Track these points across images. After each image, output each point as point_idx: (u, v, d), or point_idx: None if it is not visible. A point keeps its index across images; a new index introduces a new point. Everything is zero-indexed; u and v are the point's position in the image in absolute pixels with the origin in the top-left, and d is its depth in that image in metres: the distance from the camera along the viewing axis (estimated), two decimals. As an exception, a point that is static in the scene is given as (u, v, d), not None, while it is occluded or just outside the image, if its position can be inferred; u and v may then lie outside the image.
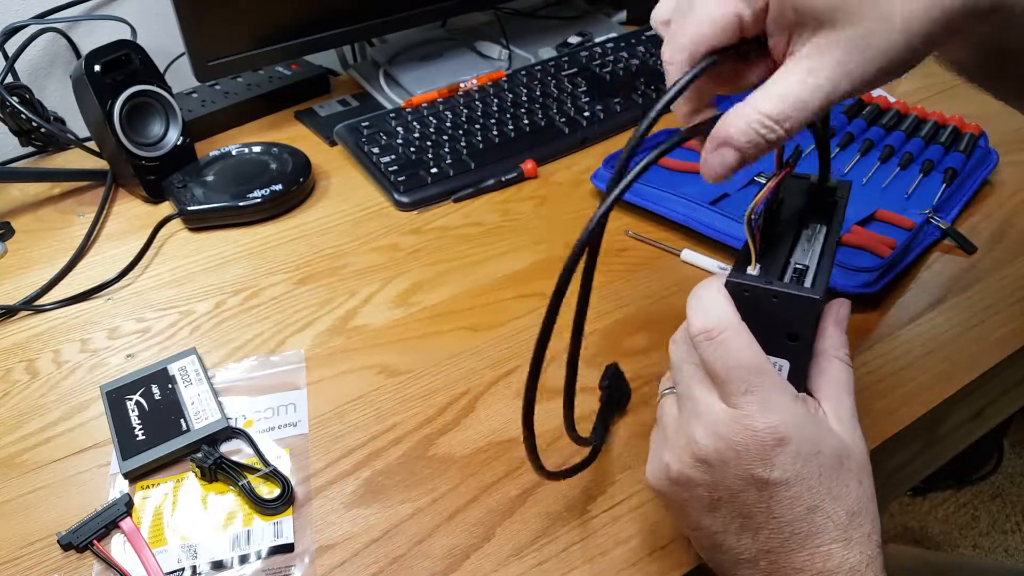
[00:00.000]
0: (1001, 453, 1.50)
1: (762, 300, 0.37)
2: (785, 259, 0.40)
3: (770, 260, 0.39)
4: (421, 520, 0.47)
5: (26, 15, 0.86)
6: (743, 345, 0.35)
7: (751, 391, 0.35)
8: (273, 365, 0.58)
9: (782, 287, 0.37)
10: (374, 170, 0.77)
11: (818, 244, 0.41)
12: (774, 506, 0.35)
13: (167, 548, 0.46)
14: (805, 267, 0.39)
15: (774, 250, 0.40)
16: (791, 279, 0.38)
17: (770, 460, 0.34)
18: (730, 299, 0.37)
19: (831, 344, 0.39)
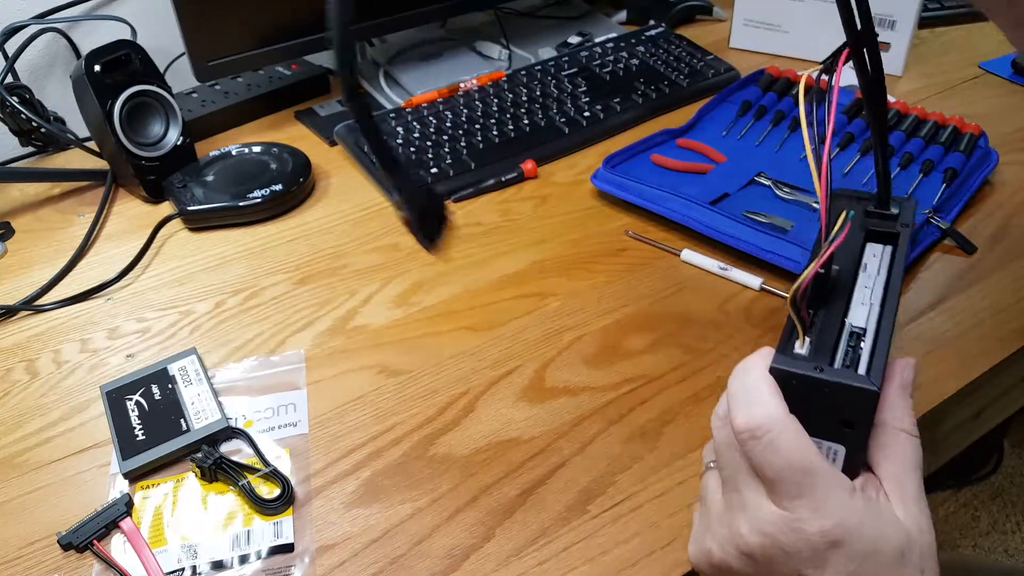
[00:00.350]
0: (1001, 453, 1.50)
1: (812, 388, 0.33)
2: (840, 319, 0.35)
3: (821, 322, 0.35)
4: (421, 520, 0.47)
5: (26, 15, 0.86)
6: (792, 445, 0.32)
7: (802, 495, 0.32)
8: (273, 365, 0.58)
9: (834, 376, 0.33)
10: (374, 170, 0.77)
11: (877, 294, 0.36)
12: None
13: (167, 548, 0.46)
14: (862, 330, 0.35)
15: (827, 305, 0.36)
16: (846, 350, 0.34)
17: (822, 562, 0.32)
18: (776, 388, 0.33)
19: (895, 414, 0.35)
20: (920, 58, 0.92)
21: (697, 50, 0.93)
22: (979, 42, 0.95)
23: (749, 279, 0.62)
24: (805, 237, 0.62)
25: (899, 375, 0.36)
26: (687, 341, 0.58)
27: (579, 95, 0.84)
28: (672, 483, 0.48)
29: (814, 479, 0.32)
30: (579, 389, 0.55)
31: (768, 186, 0.70)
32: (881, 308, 0.36)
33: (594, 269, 0.65)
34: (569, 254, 0.67)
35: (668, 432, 0.51)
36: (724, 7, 1.03)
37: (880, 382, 0.33)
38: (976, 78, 0.88)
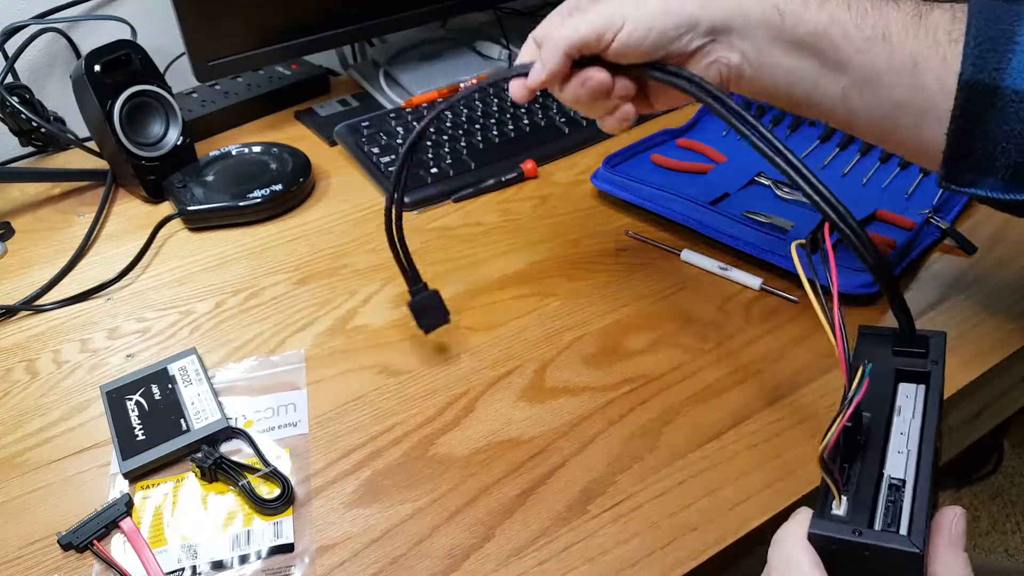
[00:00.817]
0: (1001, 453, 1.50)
1: (854, 552, 0.32)
2: (877, 471, 0.34)
3: (858, 476, 0.34)
4: (421, 520, 0.47)
5: (26, 15, 0.86)
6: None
7: None
8: (273, 365, 0.58)
9: (874, 539, 0.31)
10: (374, 170, 0.77)
11: (914, 440, 0.35)
12: None
13: (167, 548, 0.46)
14: (902, 482, 0.34)
15: (863, 456, 0.34)
16: (887, 505, 0.33)
17: None
18: (816, 559, 0.32)
19: (945, 570, 0.33)
20: (920, 58, 0.91)
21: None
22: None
23: (749, 279, 0.62)
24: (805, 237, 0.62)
25: (947, 529, 0.34)
26: (687, 341, 0.58)
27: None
28: (672, 483, 0.48)
29: None
30: (579, 389, 0.55)
31: (768, 186, 0.70)
32: (918, 459, 0.34)
33: (594, 269, 0.65)
34: (569, 254, 0.67)
35: (668, 432, 0.51)
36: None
37: (923, 540, 0.32)
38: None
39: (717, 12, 0.46)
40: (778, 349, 0.57)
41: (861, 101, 0.46)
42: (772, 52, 0.46)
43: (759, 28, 0.46)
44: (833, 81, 0.46)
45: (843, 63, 0.45)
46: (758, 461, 0.49)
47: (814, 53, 0.45)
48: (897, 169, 0.71)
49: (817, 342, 0.57)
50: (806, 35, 0.45)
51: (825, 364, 0.55)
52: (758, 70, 0.47)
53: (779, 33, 0.45)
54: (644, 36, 0.45)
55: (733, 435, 0.51)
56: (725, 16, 0.46)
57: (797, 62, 0.46)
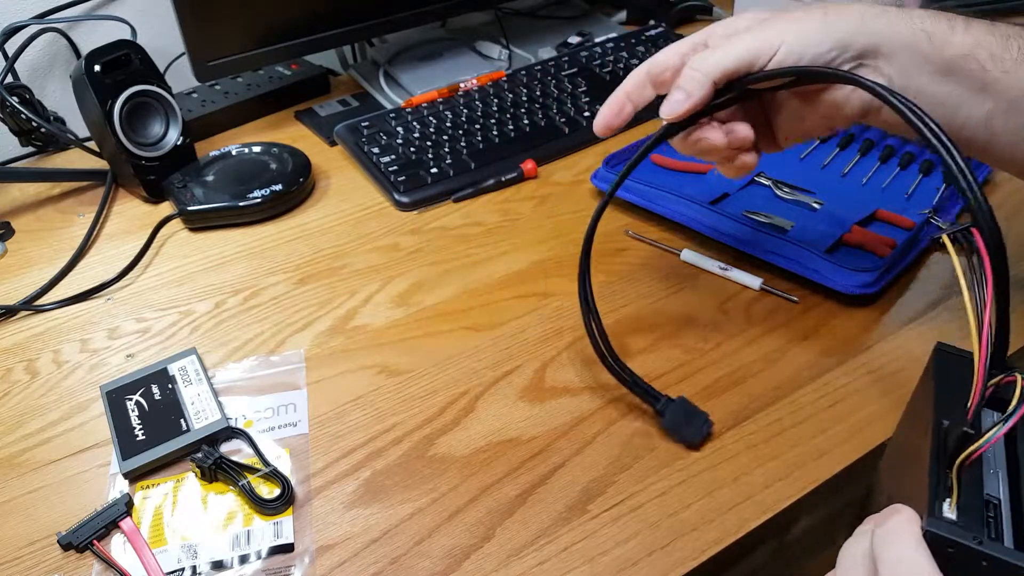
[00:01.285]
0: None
1: (969, 559, 0.31)
2: (979, 486, 0.33)
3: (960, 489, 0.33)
4: (421, 520, 0.47)
5: (26, 15, 0.86)
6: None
7: None
8: (273, 365, 0.58)
9: (997, 552, 0.31)
10: (374, 170, 0.77)
11: (1000, 460, 0.35)
12: None
13: (167, 548, 0.46)
14: (997, 500, 0.33)
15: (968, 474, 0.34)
16: (986, 520, 0.32)
17: None
18: (931, 561, 0.31)
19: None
20: (920, 58, 0.91)
21: (697, 50, 0.93)
22: (979, 42, 0.95)
23: (749, 279, 0.62)
24: (805, 237, 0.62)
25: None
26: (687, 341, 0.58)
27: (579, 95, 0.84)
28: (672, 483, 0.48)
29: None
30: (579, 389, 0.55)
31: (768, 186, 0.70)
32: (1013, 479, 0.34)
33: (594, 269, 0.65)
34: (569, 254, 0.67)
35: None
36: (724, 7, 1.03)
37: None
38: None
39: (869, 35, 0.45)
40: (778, 349, 0.57)
41: (1005, 125, 0.45)
42: (918, 77, 0.45)
43: (906, 51, 0.45)
44: (977, 105, 0.45)
45: (988, 86, 0.44)
46: (758, 461, 0.49)
47: (959, 77, 0.45)
48: (897, 169, 0.71)
49: (817, 342, 0.57)
50: (953, 58, 0.44)
51: (825, 364, 0.55)
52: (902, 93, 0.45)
53: (926, 57, 0.45)
54: (797, 61, 0.45)
55: (733, 435, 0.51)
56: (876, 39, 0.45)
57: (941, 87, 0.45)
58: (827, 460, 0.49)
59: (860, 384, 0.54)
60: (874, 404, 0.52)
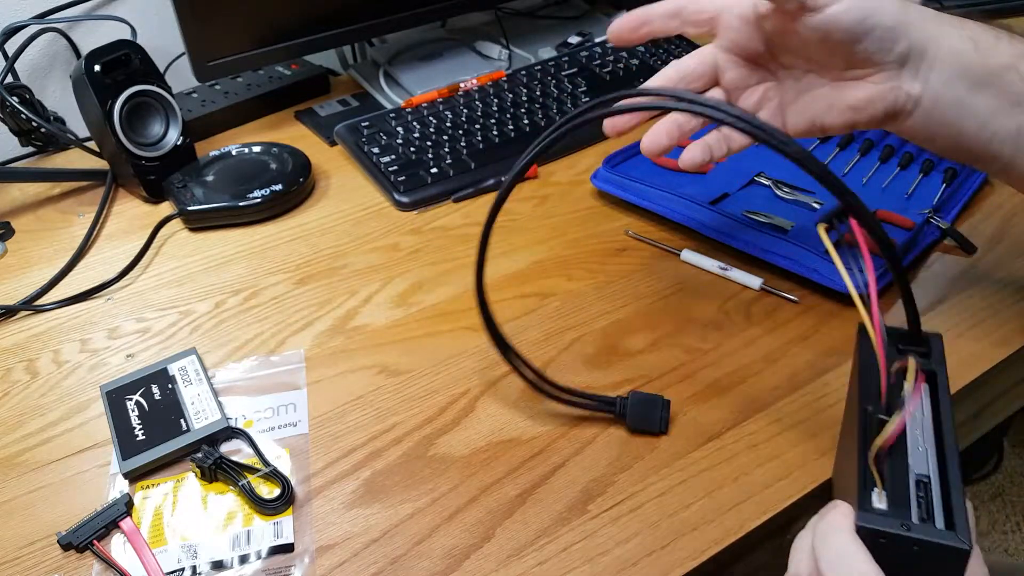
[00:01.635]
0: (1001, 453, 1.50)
1: (901, 546, 0.32)
2: (904, 468, 0.34)
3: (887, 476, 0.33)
4: (421, 520, 0.47)
5: (26, 15, 0.86)
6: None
7: None
8: (273, 365, 0.58)
9: (925, 534, 0.31)
10: (374, 170, 0.77)
11: (929, 438, 0.35)
12: None
13: (167, 548, 0.46)
14: (927, 478, 0.33)
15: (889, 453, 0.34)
16: (918, 501, 0.33)
17: None
18: (869, 554, 0.32)
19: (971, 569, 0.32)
20: (920, 58, 0.91)
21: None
22: (979, 42, 0.95)
23: (749, 279, 0.62)
24: (805, 237, 0.62)
25: None
26: (687, 341, 0.58)
27: (579, 95, 0.84)
28: (672, 483, 0.48)
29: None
30: (582, 388, 0.55)
31: (768, 186, 0.70)
32: (940, 455, 0.34)
33: (594, 269, 0.65)
34: (569, 254, 0.67)
35: (668, 432, 0.51)
36: (724, 7, 1.02)
37: (972, 538, 0.31)
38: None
39: (920, 33, 0.44)
40: (778, 349, 0.57)
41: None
42: (956, 85, 0.45)
43: (951, 57, 0.44)
44: (1009, 119, 0.45)
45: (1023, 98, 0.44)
46: (758, 461, 0.49)
47: (997, 88, 0.44)
48: (897, 169, 0.71)
49: (817, 342, 0.57)
50: (995, 68, 0.44)
51: (825, 364, 0.55)
52: (935, 104, 0.45)
53: (969, 65, 0.44)
54: (859, 19, 0.43)
55: (733, 435, 0.51)
56: (925, 39, 0.44)
57: (978, 98, 0.45)
58: (827, 460, 0.49)
59: (860, 384, 0.54)
60: (874, 404, 0.52)
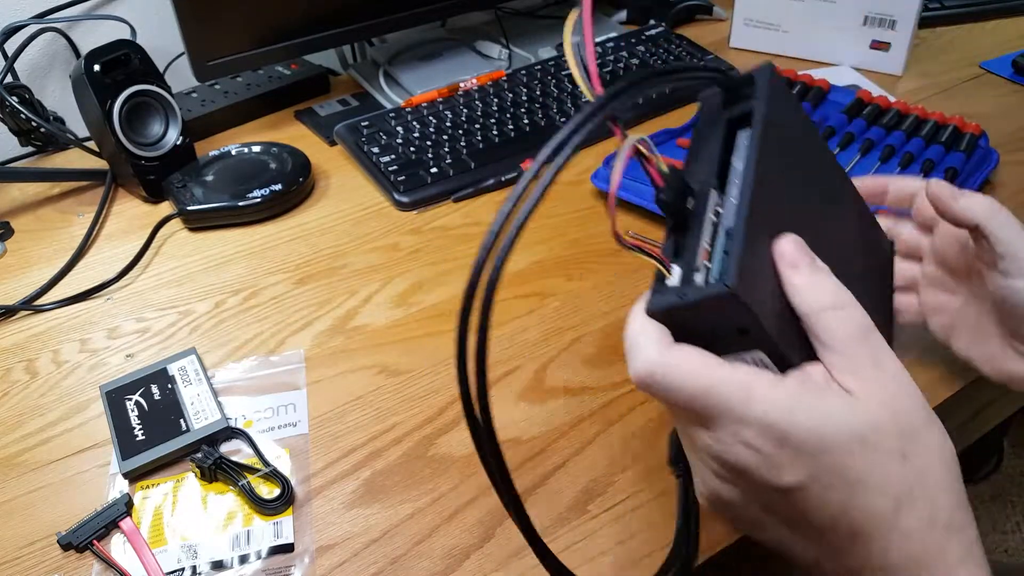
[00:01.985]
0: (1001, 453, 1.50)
1: (691, 313, 0.31)
2: (697, 233, 0.33)
3: (692, 244, 0.32)
4: (421, 520, 0.47)
5: (26, 15, 0.85)
6: (680, 378, 0.31)
7: (716, 416, 0.31)
8: (273, 365, 0.58)
9: (695, 295, 0.31)
10: (374, 170, 0.77)
11: (739, 182, 0.33)
12: (807, 510, 0.31)
13: (167, 548, 0.46)
14: (731, 231, 0.32)
15: (698, 225, 0.33)
16: (721, 260, 0.31)
17: (776, 466, 0.30)
18: (650, 331, 0.32)
19: (803, 299, 0.32)
20: (920, 58, 0.91)
21: (697, 50, 0.93)
22: (980, 42, 0.95)
23: (749, 279, 0.62)
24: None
25: (781, 253, 0.33)
26: (687, 341, 0.58)
27: (579, 95, 0.84)
28: (672, 483, 0.48)
29: (718, 398, 0.30)
30: (579, 389, 0.55)
31: (768, 186, 0.70)
32: (741, 197, 0.32)
33: (594, 269, 0.65)
34: (569, 254, 0.67)
35: (668, 432, 0.51)
36: (724, 7, 1.03)
37: (736, 277, 0.30)
38: (977, 78, 0.88)
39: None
40: (778, 349, 0.57)
41: None
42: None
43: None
44: None
45: None
46: (758, 461, 0.49)
47: None
48: (897, 169, 0.71)
49: (817, 342, 0.57)
50: None
51: (825, 364, 0.55)
52: None
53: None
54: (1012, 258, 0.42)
55: (733, 435, 0.51)
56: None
57: None
58: (827, 460, 0.49)
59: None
60: (874, 404, 0.52)
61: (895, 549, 0.30)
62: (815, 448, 0.30)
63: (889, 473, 0.30)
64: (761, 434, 0.30)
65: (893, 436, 0.30)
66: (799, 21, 0.92)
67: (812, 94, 0.80)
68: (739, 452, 0.31)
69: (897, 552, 0.30)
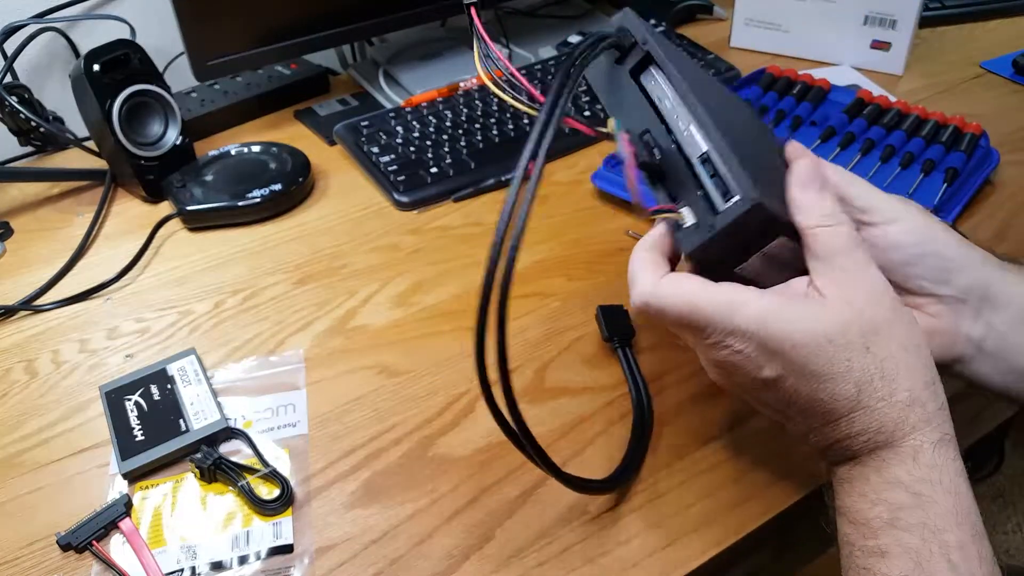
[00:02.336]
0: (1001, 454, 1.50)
1: (726, 243, 0.36)
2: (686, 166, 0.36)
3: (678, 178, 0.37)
4: (421, 521, 0.47)
5: (25, 14, 0.85)
6: (672, 301, 0.38)
7: (703, 328, 0.38)
8: (272, 365, 0.58)
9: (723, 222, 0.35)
10: (374, 170, 0.77)
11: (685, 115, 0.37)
12: (786, 397, 0.38)
13: (166, 549, 0.46)
14: (706, 154, 0.36)
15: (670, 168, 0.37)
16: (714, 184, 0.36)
17: (757, 365, 0.37)
18: (648, 262, 0.39)
19: (803, 215, 0.38)
20: (921, 57, 0.91)
21: (698, 50, 0.93)
22: (980, 41, 0.95)
23: (749, 279, 0.62)
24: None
25: (796, 177, 0.39)
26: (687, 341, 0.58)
27: (579, 94, 0.84)
28: (672, 483, 0.48)
29: (704, 313, 0.37)
30: (579, 389, 0.55)
31: (768, 186, 0.70)
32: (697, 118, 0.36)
33: (594, 269, 0.65)
34: (569, 254, 0.67)
35: (668, 432, 0.51)
36: (725, 6, 1.02)
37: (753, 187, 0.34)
38: (977, 77, 0.88)
39: (982, 273, 0.43)
40: (779, 349, 0.56)
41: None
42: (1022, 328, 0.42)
43: (1015, 300, 0.42)
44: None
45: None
46: (759, 462, 0.49)
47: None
48: (898, 169, 0.71)
49: (818, 342, 0.57)
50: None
51: (826, 364, 0.55)
52: (1003, 346, 0.43)
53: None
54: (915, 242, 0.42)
55: (734, 435, 0.51)
56: (987, 279, 0.43)
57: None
58: (828, 460, 0.49)
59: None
60: (875, 404, 0.52)
61: (858, 422, 0.37)
62: (786, 350, 0.36)
63: (852, 364, 0.36)
64: (741, 340, 0.37)
65: (857, 332, 0.36)
66: (800, 21, 0.92)
67: (812, 94, 0.80)
68: (726, 355, 0.38)
69: (860, 424, 0.37)
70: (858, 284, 0.37)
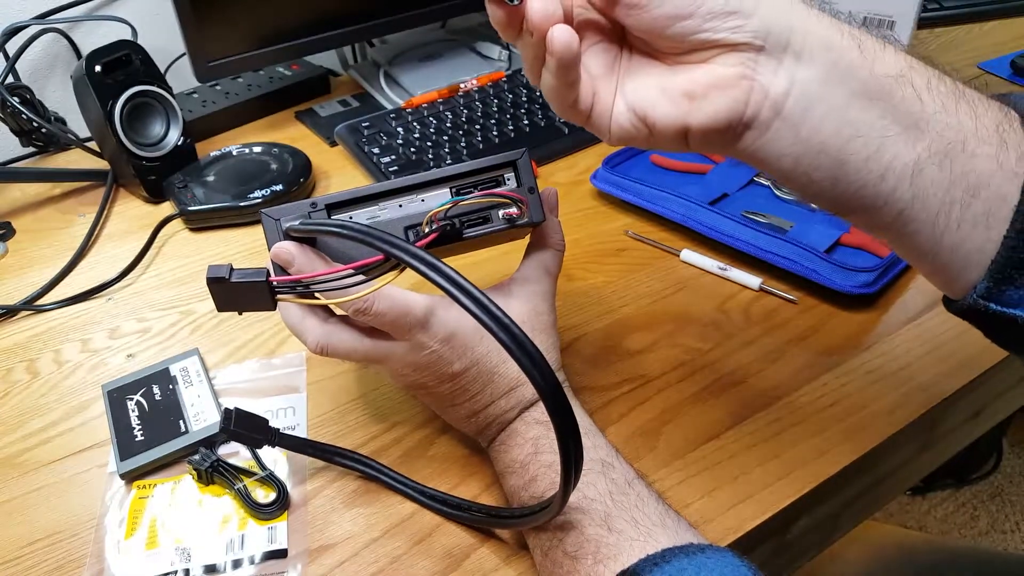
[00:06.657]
0: (1001, 453, 1.50)
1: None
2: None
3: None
4: (421, 520, 0.47)
5: (27, 15, 0.86)
6: (348, 346, 0.46)
7: (384, 360, 0.45)
8: (274, 367, 0.58)
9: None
10: (374, 170, 0.77)
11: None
12: (440, 377, 0.46)
13: (160, 550, 0.46)
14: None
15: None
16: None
17: (448, 362, 0.45)
18: (309, 314, 0.49)
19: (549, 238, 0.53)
20: (920, 58, 0.91)
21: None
22: (978, 42, 0.95)
23: (748, 279, 0.62)
24: (804, 237, 0.62)
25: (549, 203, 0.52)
26: (687, 341, 0.58)
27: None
28: (672, 483, 0.48)
29: (380, 350, 0.45)
30: (579, 389, 0.55)
31: (767, 186, 0.70)
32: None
33: (594, 269, 0.65)
34: (568, 254, 0.67)
35: (668, 432, 0.51)
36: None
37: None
38: (975, 79, 0.88)
39: (780, 12, 0.35)
40: (777, 349, 0.57)
41: (937, 177, 0.35)
42: (838, 90, 0.35)
43: (825, 52, 0.35)
44: (906, 145, 0.35)
45: (923, 122, 0.35)
46: (758, 461, 0.49)
47: (889, 103, 0.35)
48: (897, 169, 0.71)
49: (816, 342, 0.57)
50: (884, 76, 0.35)
51: (824, 364, 0.55)
52: (808, 110, 0.35)
53: (851, 67, 0.35)
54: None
55: (733, 435, 0.51)
56: (788, 21, 0.35)
57: (865, 112, 0.35)
58: (826, 460, 0.49)
59: (859, 384, 0.54)
60: (873, 404, 0.52)
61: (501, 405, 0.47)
62: (446, 331, 0.47)
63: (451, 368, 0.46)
64: (408, 366, 0.45)
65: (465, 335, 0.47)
66: (799, 22, 0.91)
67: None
68: (406, 374, 0.46)
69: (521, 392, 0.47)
70: (526, 294, 0.54)
